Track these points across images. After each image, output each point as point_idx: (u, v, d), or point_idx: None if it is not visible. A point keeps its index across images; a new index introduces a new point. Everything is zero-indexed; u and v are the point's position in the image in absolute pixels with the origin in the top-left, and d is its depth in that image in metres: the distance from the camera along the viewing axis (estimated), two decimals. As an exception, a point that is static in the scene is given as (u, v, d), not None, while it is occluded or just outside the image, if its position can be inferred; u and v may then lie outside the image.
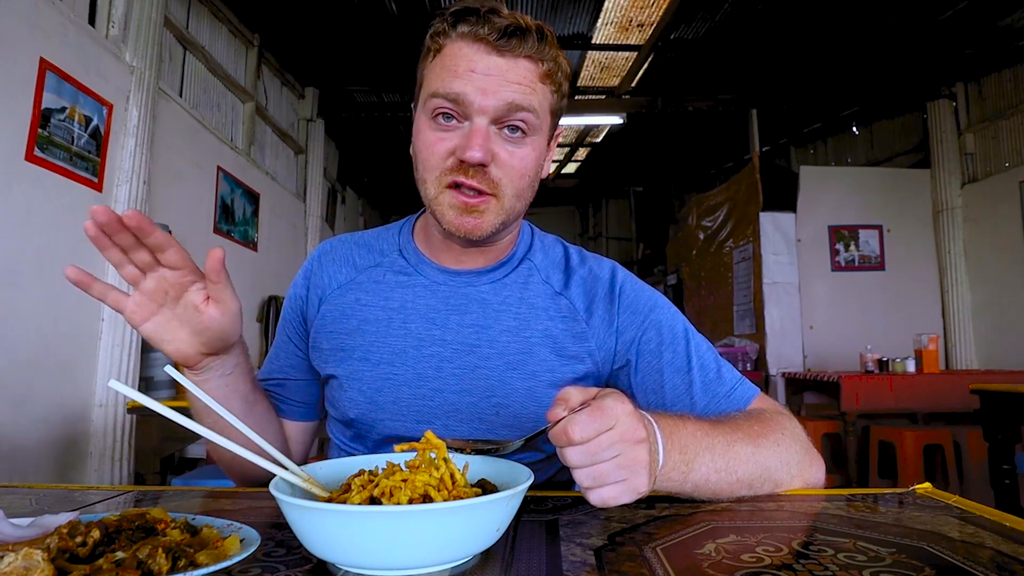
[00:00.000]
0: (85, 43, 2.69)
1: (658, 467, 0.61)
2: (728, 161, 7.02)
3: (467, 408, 0.82)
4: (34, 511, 0.65)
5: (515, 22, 0.73)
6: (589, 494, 0.57)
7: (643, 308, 0.86)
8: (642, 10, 4.22)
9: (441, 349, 0.83)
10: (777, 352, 5.06)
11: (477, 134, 0.73)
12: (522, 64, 0.74)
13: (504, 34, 0.72)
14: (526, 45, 0.73)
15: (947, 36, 4.35)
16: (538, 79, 0.75)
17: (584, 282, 0.88)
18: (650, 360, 0.84)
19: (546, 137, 0.80)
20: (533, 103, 0.74)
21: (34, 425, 2.43)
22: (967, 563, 0.47)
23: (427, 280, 0.86)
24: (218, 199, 3.96)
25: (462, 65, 0.73)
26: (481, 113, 0.73)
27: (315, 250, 0.94)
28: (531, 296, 0.86)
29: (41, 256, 2.46)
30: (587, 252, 0.93)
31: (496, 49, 0.72)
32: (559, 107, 0.80)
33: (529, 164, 0.77)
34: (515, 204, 0.78)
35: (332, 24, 4.30)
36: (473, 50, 0.73)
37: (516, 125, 0.74)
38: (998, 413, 2.59)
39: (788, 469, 0.72)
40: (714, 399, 0.82)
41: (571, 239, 3.95)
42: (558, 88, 0.78)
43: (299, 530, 0.48)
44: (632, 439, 0.57)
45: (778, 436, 0.73)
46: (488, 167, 0.74)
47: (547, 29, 0.75)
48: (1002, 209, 4.64)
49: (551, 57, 0.76)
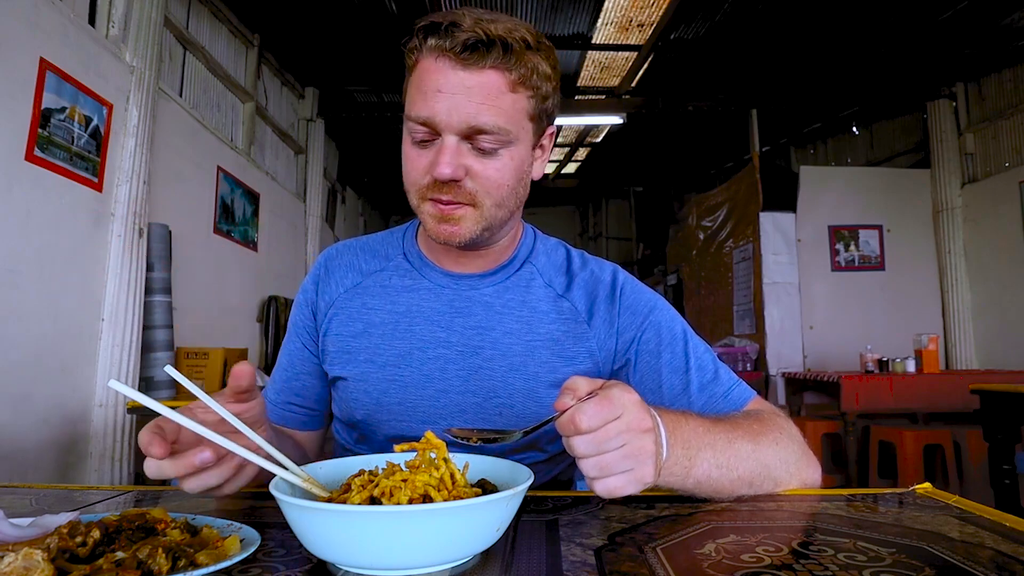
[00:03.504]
0: (85, 43, 2.69)
1: (662, 460, 0.61)
2: (728, 161, 7.02)
3: (471, 409, 0.83)
4: (34, 511, 0.65)
5: (476, 35, 0.70)
6: (595, 484, 0.57)
7: (643, 309, 0.87)
8: (642, 10, 4.22)
9: (446, 351, 0.84)
10: (777, 352, 5.06)
11: (445, 152, 0.73)
12: (488, 76, 0.72)
13: (466, 48, 0.70)
14: (490, 57, 0.71)
15: (947, 36, 4.35)
16: (508, 89, 0.73)
17: (586, 284, 0.88)
18: (648, 360, 0.85)
19: (528, 142, 0.79)
20: (499, 121, 0.72)
21: (34, 425, 2.43)
22: (967, 563, 0.47)
23: (431, 283, 0.87)
24: (218, 199, 3.96)
25: (430, 84, 0.72)
26: (448, 131, 0.73)
27: (321, 256, 0.95)
28: (533, 299, 0.87)
29: (41, 256, 2.46)
30: (589, 255, 0.94)
31: (461, 63, 0.71)
32: (542, 109, 0.78)
33: (506, 174, 0.76)
34: (496, 212, 0.78)
35: (332, 24, 4.30)
36: (439, 66, 0.72)
37: (483, 147, 0.74)
38: (998, 413, 2.59)
39: (787, 468, 0.73)
40: (711, 399, 0.82)
41: (571, 239, 3.99)
42: (536, 91, 0.76)
43: (299, 530, 0.48)
44: (639, 428, 0.57)
45: (777, 435, 0.74)
46: (461, 181, 0.74)
47: (512, 38, 0.72)
48: (1002, 209, 4.63)
49: (522, 64, 0.73)
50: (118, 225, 2.83)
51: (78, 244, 2.66)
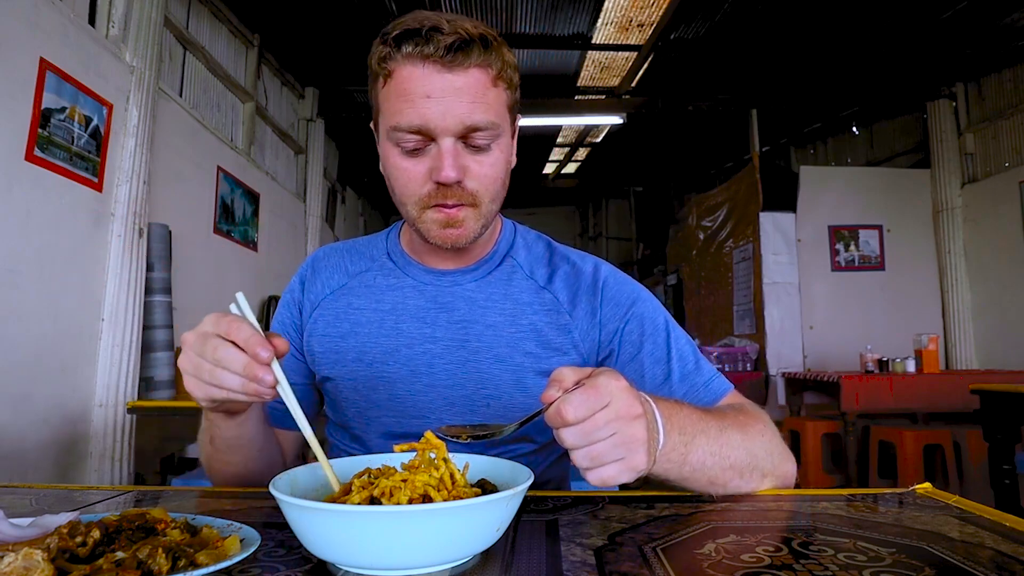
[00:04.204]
0: (85, 43, 2.69)
1: (658, 447, 0.61)
2: (728, 161, 7.02)
3: (460, 401, 0.85)
4: (34, 511, 0.65)
5: (458, 36, 0.71)
6: (588, 474, 0.57)
7: (625, 301, 0.88)
8: (642, 10, 4.22)
9: (432, 346, 0.86)
10: (777, 352, 5.06)
11: (447, 154, 0.73)
12: (473, 75, 0.73)
13: (451, 50, 0.71)
14: (473, 56, 0.73)
15: (947, 36, 4.34)
16: (490, 84, 0.75)
17: (567, 276, 0.90)
18: (631, 351, 0.86)
19: (509, 134, 0.81)
20: (490, 117, 0.74)
21: (34, 425, 2.43)
22: (967, 563, 0.47)
23: (415, 281, 0.89)
24: (218, 199, 3.96)
25: (416, 91, 0.72)
26: (445, 134, 0.73)
27: (309, 257, 0.97)
28: (515, 292, 0.88)
29: (41, 256, 2.46)
30: (571, 249, 0.96)
31: (446, 66, 0.72)
32: (514, 100, 0.81)
33: (499, 168, 0.79)
34: (491, 207, 0.81)
35: (332, 24, 4.30)
36: (423, 71, 0.72)
37: (478, 144, 0.75)
38: (998, 413, 2.59)
39: (772, 459, 0.74)
40: (692, 389, 0.84)
41: (571, 239, 3.97)
42: (510, 84, 0.79)
43: (299, 530, 0.49)
44: (628, 415, 0.57)
45: (761, 428, 0.76)
46: (463, 181, 0.76)
47: (490, 34, 0.75)
48: (1002, 209, 4.63)
49: (498, 59, 0.76)
50: (118, 225, 2.83)
51: (78, 244, 2.66)
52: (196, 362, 0.61)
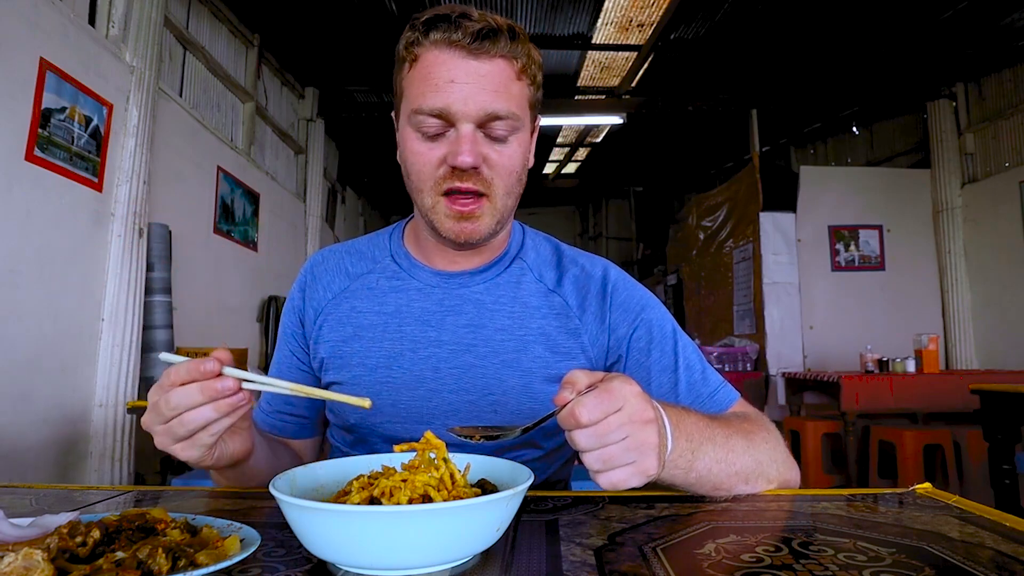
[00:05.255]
0: (85, 43, 2.69)
1: (667, 452, 0.61)
2: (728, 161, 7.02)
3: (465, 407, 0.83)
4: (34, 511, 0.65)
5: (487, 24, 0.73)
6: (599, 477, 0.57)
7: (634, 307, 0.87)
8: (642, 10, 4.22)
9: (437, 350, 0.84)
10: (777, 352, 5.06)
11: (466, 140, 0.74)
12: (498, 64, 0.74)
13: (478, 37, 0.72)
14: (499, 45, 0.73)
15: (947, 36, 4.35)
16: (514, 77, 0.76)
17: (577, 280, 0.89)
18: (638, 358, 0.85)
19: (529, 130, 0.81)
20: (511, 107, 0.75)
21: (34, 425, 2.43)
22: (967, 563, 0.47)
23: (420, 283, 0.87)
24: (218, 199, 3.96)
25: (441, 75, 0.73)
26: (465, 119, 0.73)
27: (307, 262, 0.95)
28: (524, 295, 0.87)
29: (41, 256, 2.46)
30: (579, 251, 0.94)
31: (472, 53, 0.73)
32: (536, 99, 0.81)
33: (516, 161, 0.78)
34: (506, 202, 0.79)
35: (332, 24, 4.30)
36: (449, 56, 0.73)
37: (497, 135, 0.76)
38: (998, 413, 2.59)
39: (776, 466, 0.74)
40: (698, 399, 0.84)
41: (571, 239, 3.96)
42: (533, 81, 0.79)
43: (299, 530, 0.48)
44: (640, 420, 0.57)
45: (765, 435, 0.76)
46: (479, 168, 0.75)
47: (518, 27, 0.76)
48: (1002, 209, 4.63)
49: (524, 53, 0.76)
50: (118, 225, 2.83)
51: (78, 244, 2.66)
52: (165, 428, 0.61)
